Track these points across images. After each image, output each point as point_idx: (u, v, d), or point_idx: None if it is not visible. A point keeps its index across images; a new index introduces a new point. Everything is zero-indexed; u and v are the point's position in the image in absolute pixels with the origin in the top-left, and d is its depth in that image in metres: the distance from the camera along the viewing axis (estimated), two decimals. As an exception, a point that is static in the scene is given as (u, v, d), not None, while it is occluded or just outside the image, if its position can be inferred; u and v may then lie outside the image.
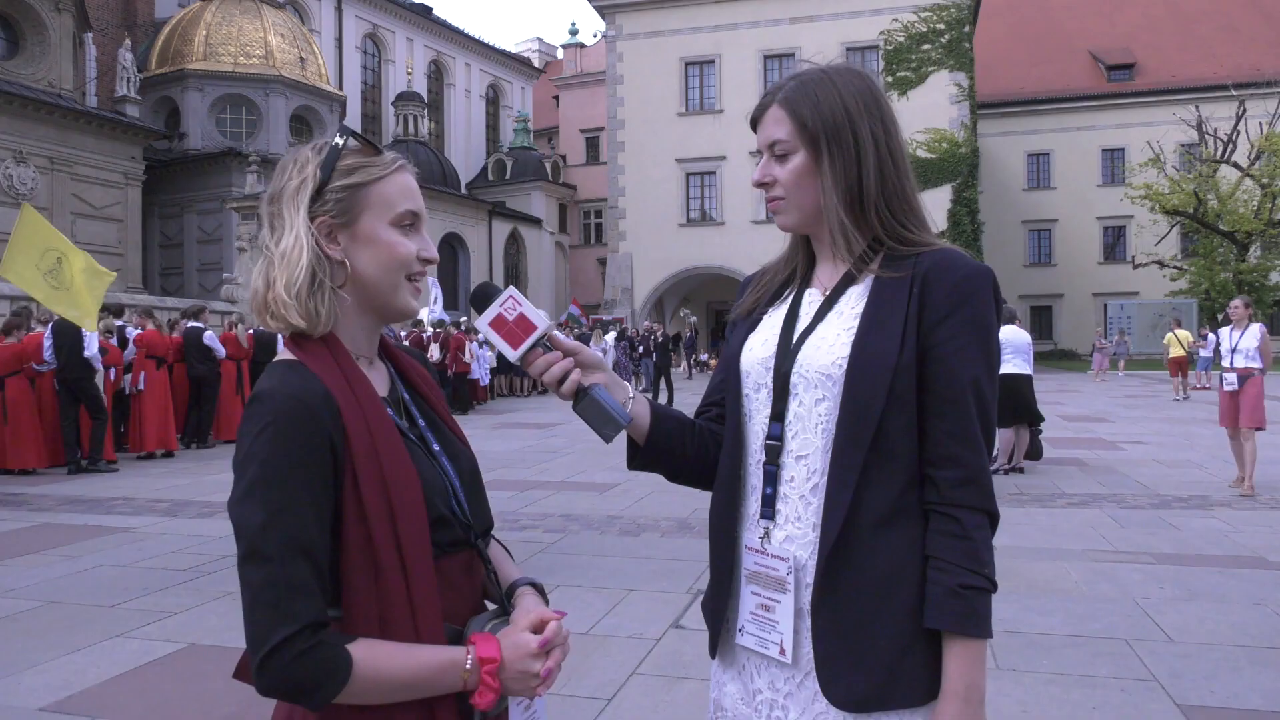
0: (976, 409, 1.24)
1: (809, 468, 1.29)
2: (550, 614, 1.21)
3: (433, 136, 43.10)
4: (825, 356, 1.28)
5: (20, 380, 10.13)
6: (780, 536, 1.30)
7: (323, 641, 1.06)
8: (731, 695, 1.38)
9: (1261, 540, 6.15)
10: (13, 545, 6.40)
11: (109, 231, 26.67)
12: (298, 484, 1.08)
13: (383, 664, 1.09)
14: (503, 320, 1.28)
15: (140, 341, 11.28)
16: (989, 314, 1.27)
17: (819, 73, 1.34)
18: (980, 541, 1.22)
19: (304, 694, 1.06)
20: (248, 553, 1.06)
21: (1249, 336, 8.16)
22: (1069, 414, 15.46)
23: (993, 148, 40.25)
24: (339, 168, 1.20)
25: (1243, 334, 8.23)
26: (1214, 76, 38.90)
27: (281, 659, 1.03)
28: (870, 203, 1.31)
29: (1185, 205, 32.98)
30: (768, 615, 1.30)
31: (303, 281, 1.16)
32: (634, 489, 8.33)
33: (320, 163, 1.20)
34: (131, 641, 4.31)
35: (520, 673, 1.15)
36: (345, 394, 1.15)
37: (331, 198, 1.19)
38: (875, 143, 1.31)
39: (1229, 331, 8.40)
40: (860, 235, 1.33)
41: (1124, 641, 4.17)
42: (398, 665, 1.09)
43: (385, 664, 1.09)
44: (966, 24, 30.45)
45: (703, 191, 32.82)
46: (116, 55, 28.70)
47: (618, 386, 1.33)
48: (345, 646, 1.08)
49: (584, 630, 4.38)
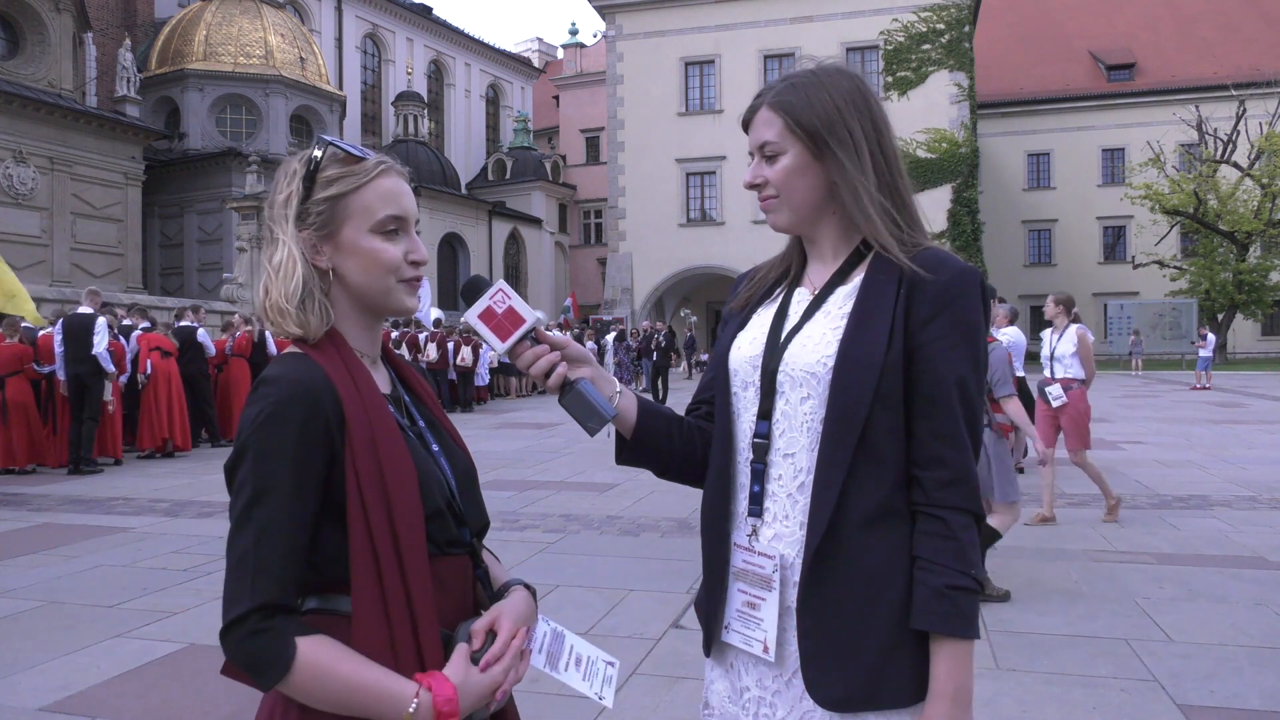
0: (963, 409, 1.24)
1: (796, 466, 1.29)
2: (506, 623, 1.21)
3: (433, 136, 43.09)
4: (811, 355, 1.28)
5: (20, 380, 10.13)
6: (768, 534, 1.30)
7: (273, 627, 1.08)
8: (719, 693, 1.38)
9: (1261, 540, 6.15)
10: (13, 545, 6.40)
11: (109, 231, 26.68)
12: (287, 468, 1.10)
13: (327, 668, 1.09)
14: (492, 313, 1.29)
15: (144, 340, 11.29)
16: (976, 314, 1.27)
17: (808, 74, 1.35)
18: (967, 542, 1.22)
19: (252, 671, 1.09)
20: (232, 529, 1.12)
21: (1066, 341, 6.94)
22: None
23: (992, 148, 40.24)
24: (319, 179, 1.21)
25: (1060, 337, 7.01)
26: (1214, 76, 38.90)
27: (235, 634, 1.08)
28: (868, 201, 1.31)
29: (1185, 205, 33.01)
30: (753, 613, 1.30)
31: (295, 294, 1.19)
32: (634, 489, 8.33)
33: (303, 176, 1.22)
34: (131, 641, 4.31)
35: (476, 703, 1.16)
36: (347, 384, 1.17)
37: (314, 210, 1.21)
38: (867, 140, 1.32)
39: (1048, 334, 7.15)
40: (857, 232, 1.34)
41: (1124, 641, 4.16)
42: (340, 673, 1.09)
43: (329, 669, 1.09)
44: (966, 24, 30.44)
45: (703, 191, 32.81)
46: (116, 55, 28.71)
47: (604, 381, 1.34)
48: (296, 639, 1.09)
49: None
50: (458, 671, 1.14)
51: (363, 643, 1.12)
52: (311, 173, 1.22)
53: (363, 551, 1.12)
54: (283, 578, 1.10)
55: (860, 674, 1.21)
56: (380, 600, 1.12)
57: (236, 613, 1.07)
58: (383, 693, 1.09)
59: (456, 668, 1.15)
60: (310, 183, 1.22)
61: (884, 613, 1.22)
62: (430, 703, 1.09)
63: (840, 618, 1.22)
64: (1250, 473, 9.02)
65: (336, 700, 1.10)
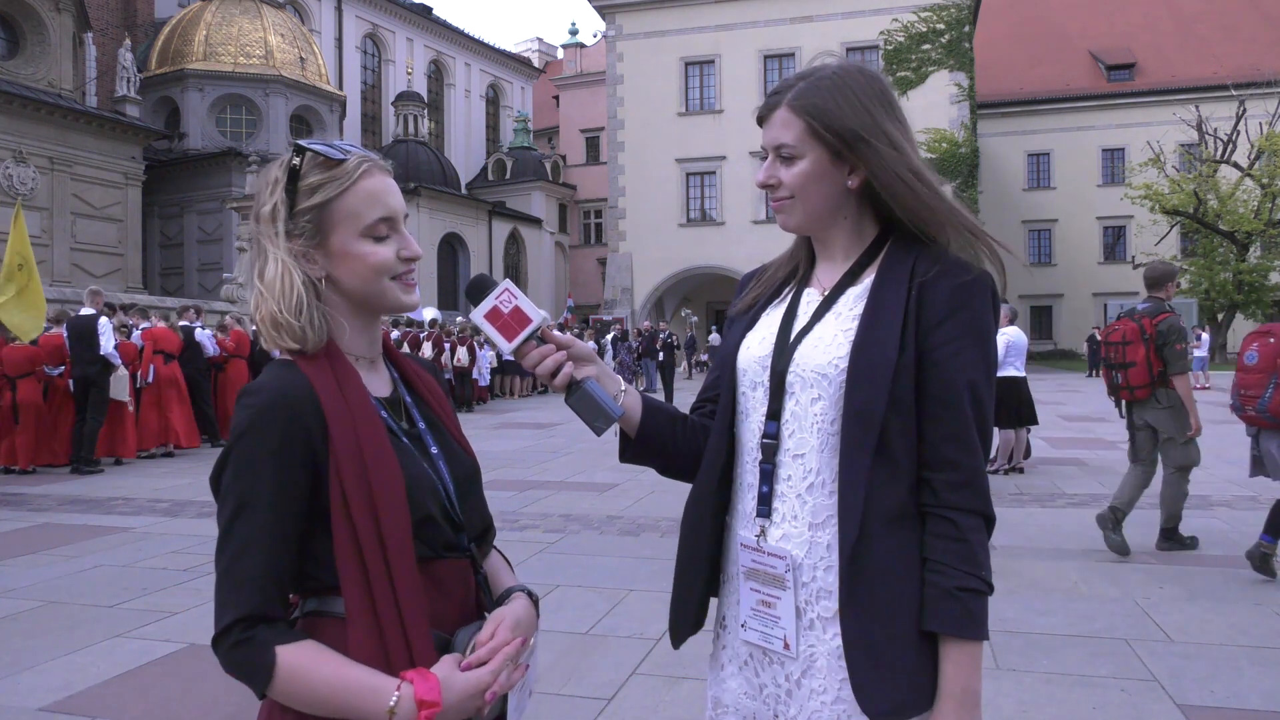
0: (973, 412, 1.24)
1: (805, 467, 1.29)
2: (501, 630, 1.20)
3: (433, 136, 43.10)
4: (822, 356, 1.28)
5: (31, 382, 10.14)
6: (777, 535, 1.30)
7: (254, 637, 1.09)
8: (734, 691, 1.38)
9: (1261, 540, 6.14)
10: (13, 545, 6.40)
11: (109, 231, 26.68)
12: (267, 479, 1.11)
13: (307, 672, 1.09)
14: (498, 313, 1.28)
15: (147, 337, 11.28)
16: (987, 318, 1.27)
17: (830, 75, 1.32)
18: (976, 544, 1.22)
19: (241, 680, 1.11)
20: (218, 541, 1.14)
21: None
22: (1069, 414, 15.45)
23: (993, 148, 40.24)
24: (302, 188, 1.20)
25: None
26: (1214, 76, 38.87)
27: (222, 645, 1.10)
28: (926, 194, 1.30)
29: (1185, 205, 32.99)
30: (769, 611, 1.30)
31: (289, 308, 1.18)
32: (634, 489, 8.33)
33: (285, 185, 1.20)
34: (131, 641, 4.31)
35: (462, 710, 1.14)
36: (332, 391, 1.16)
37: (301, 220, 1.20)
38: (905, 139, 1.30)
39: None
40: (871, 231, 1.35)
41: (1124, 641, 4.16)
42: (321, 676, 1.10)
43: (310, 673, 1.10)
44: (966, 24, 30.45)
45: (703, 191, 32.81)
46: (116, 55, 28.71)
47: (610, 380, 1.34)
48: (276, 647, 1.09)
49: (584, 630, 4.38)
50: (443, 669, 1.14)
51: (356, 645, 1.12)
52: (293, 181, 1.20)
53: (349, 557, 1.12)
54: (264, 588, 1.11)
55: (903, 680, 1.21)
56: (369, 604, 1.13)
57: (222, 624, 1.10)
58: (365, 690, 1.10)
59: (443, 666, 1.15)
60: (293, 191, 1.19)
61: (915, 617, 1.22)
62: (411, 695, 1.10)
63: (879, 624, 1.22)
64: (1250, 473, 9.00)
65: (322, 702, 1.10)
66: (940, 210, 1.30)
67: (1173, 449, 5.86)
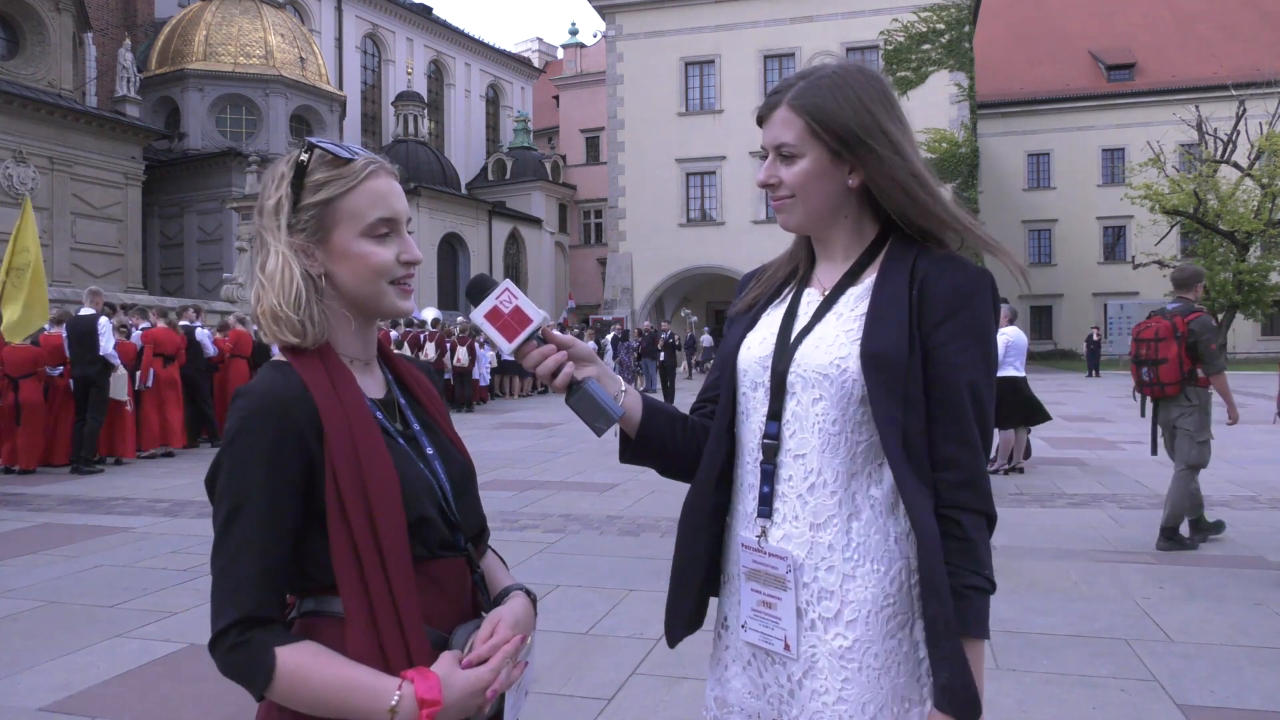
0: (974, 411, 1.25)
1: (806, 467, 1.29)
2: (501, 628, 1.20)
3: (433, 136, 43.09)
4: (823, 356, 1.28)
5: (33, 382, 10.13)
6: (778, 535, 1.31)
7: (251, 639, 1.09)
8: (738, 690, 1.38)
9: (1261, 540, 6.15)
10: (13, 545, 6.40)
11: (109, 231, 26.68)
12: (261, 482, 1.11)
13: (307, 673, 1.09)
14: (498, 313, 1.28)
15: (147, 339, 11.27)
16: (988, 317, 1.27)
17: (831, 74, 1.32)
18: (980, 543, 1.23)
19: (239, 682, 1.11)
20: (214, 544, 1.13)
21: None
22: (1069, 414, 15.46)
23: (993, 148, 40.24)
24: (308, 184, 1.20)
25: None
26: (1214, 76, 38.85)
27: (219, 648, 1.10)
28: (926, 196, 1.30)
29: (1185, 205, 32.94)
30: (770, 612, 1.31)
31: (289, 301, 1.18)
32: (634, 489, 8.33)
33: (290, 180, 1.20)
34: (131, 641, 4.31)
35: (463, 708, 1.14)
36: (326, 392, 1.16)
37: (304, 216, 1.20)
38: (905, 139, 1.31)
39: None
40: (871, 230, 1.35)
41: (1124, 641, 4.16)
42: (321, 677, 1.10)
43: (309, 674, 1.10)
44: (966, 24, 30.45)
45: (703, 191, 32.82)
46: (116, 55, 28.72)
47: (610, 380, 1.34)
48: (275, 648, 1.09)
49: (584, 630, 4.38)
50: (443, 667, 1.14)
51: (354, 644, 1.12)
52: (299, 177, 1.20)
53: (345, 557, 1.13)
54: (260, 590, 1.11)
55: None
56: (366, 604, 1.13)
57: (218, 627, 1.10)
58: (366, 689, 1.10)
59: (442, 664, 1.15)
60: (299, 187, 1.20)
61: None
62: (413, 694, 1.10)
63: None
64: (1250, 473, 9.01)
65: (322, 703, 1.10)
66: (941, 217, 1.30)
67: (1188, 445, 5.93)
